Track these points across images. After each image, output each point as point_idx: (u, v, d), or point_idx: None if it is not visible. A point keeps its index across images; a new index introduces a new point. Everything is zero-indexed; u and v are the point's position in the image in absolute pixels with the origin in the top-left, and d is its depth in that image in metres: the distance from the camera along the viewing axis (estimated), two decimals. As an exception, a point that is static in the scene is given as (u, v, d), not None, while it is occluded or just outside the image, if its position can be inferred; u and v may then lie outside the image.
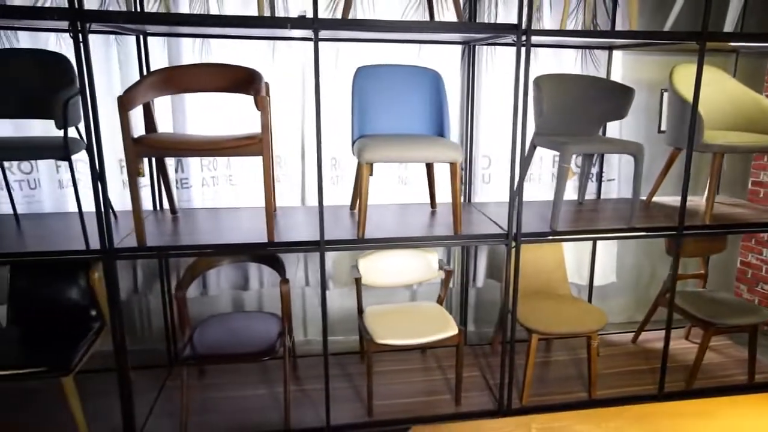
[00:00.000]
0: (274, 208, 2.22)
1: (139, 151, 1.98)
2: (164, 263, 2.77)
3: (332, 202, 2.87)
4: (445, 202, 2.83)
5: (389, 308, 2.68)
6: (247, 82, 2.20)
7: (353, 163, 2.80)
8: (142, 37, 2.52)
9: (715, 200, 2.84)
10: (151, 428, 2.35)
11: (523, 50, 2.11)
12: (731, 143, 2.44)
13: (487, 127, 2.93)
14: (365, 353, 2.64)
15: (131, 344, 2.98)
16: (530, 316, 2.56)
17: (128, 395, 2.20)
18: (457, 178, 2.24)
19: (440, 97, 2.52)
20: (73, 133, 2.11)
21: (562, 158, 2.29)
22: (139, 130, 2.31)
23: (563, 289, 2.91)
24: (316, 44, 1.97)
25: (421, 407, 2.52)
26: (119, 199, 2.70)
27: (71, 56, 2.12)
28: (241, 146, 2.02)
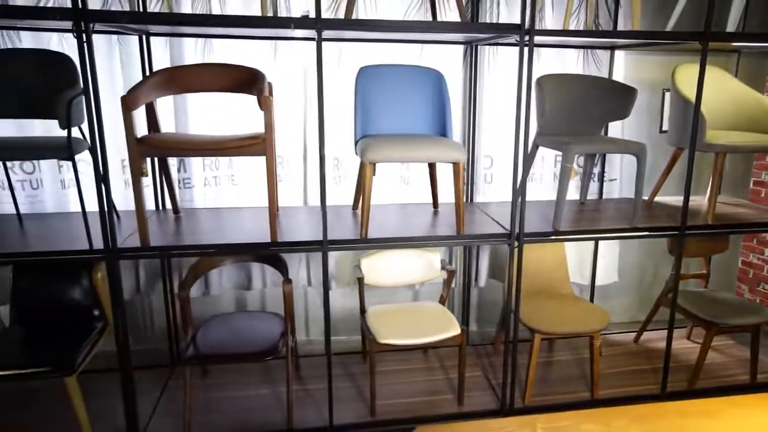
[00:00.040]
0: (276, 208, 2.23)
1: (142, 150, 1.99)
2: (167, 263, 2.77)
3: (335, 202, 2.87)
4: (447, 202, 2.83)
5: (392, 308, 2.68)
6: (250, 82, 2.21)
7: (355, 163, 2.80)
8: (144, 37, 2.52)
9: (717, 200, 2.84)
10: (154, 428, 2.35)
11: (526, 50, 2.11)
12: (733, 143, 2.44)
13: (489, 127, 2.93)
14: (368, 353, 2.64)
15: (134, 344, 2.98)
16: (533, 315, 2.56)
17: (131, 395, 2.20)
18: (460, 178, 2.24)
19: (443, 97, 2.52)
20: (75, 133, 2.11)
21: (565, 158, 2.29)
22: (142, 130, 2.32)
23: (565, 288, 2.91)
24: (319, 44, 1.97)
25: (423, 407, 2.52)
26: (122, 199, 2.70)
27: (73, 56, 2.13)
28: (244, 146, 2.02)
